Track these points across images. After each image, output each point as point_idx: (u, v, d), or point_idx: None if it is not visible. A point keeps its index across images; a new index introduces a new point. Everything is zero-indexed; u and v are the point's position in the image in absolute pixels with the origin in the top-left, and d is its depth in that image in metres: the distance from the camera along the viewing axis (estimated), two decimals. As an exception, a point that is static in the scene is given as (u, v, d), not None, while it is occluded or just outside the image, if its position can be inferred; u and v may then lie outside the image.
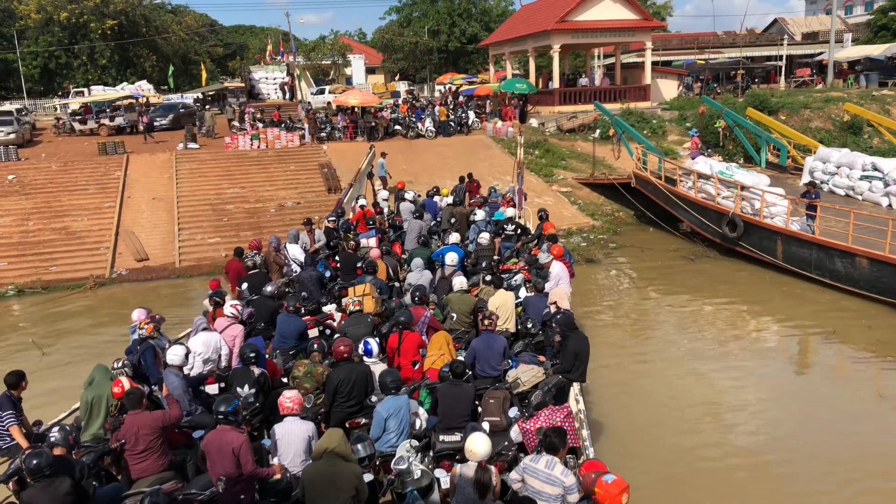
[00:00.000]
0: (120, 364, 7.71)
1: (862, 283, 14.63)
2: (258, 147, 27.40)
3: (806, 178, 21.04)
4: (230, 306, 9.13)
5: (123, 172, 24.62)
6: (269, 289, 10.29)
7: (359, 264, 11.44)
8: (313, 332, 9.31)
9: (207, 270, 18.64)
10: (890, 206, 18.41)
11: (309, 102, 35.98)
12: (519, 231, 14.41)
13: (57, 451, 5.85)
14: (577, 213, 23.46)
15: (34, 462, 5.35)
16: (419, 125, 29.71)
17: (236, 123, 30.95)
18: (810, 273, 15.87)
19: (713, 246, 19.28)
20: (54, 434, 6.15)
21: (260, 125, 29.48)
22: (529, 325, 9.33)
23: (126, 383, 6.75)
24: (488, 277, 10.72)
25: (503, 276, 11.50)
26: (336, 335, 9.09)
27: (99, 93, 42.08)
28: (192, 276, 18.73)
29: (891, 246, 13.94)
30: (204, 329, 8.90)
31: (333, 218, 15.32)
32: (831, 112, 30.09)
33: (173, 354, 7.44)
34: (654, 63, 37.07)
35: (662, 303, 16.25)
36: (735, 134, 26.29)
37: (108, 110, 34.44)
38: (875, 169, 19.13)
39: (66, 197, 22.86)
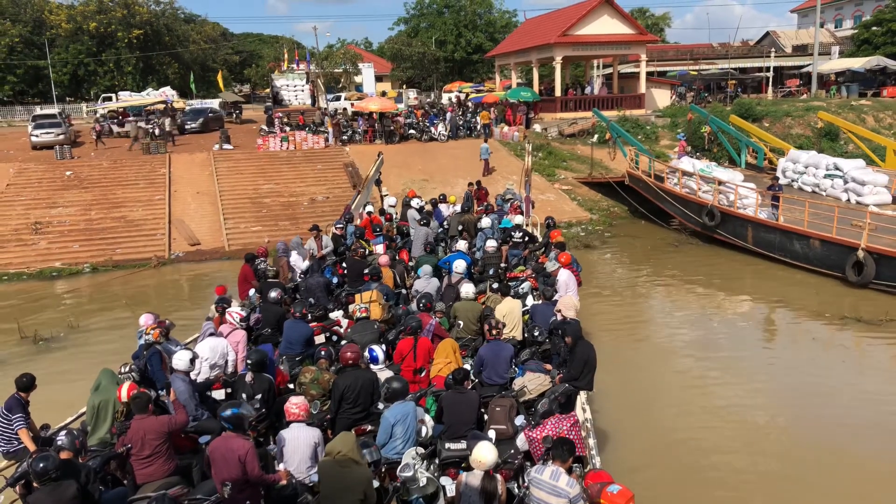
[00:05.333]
0: (126, 369, 7.84)
1: (815, 260, 17.41)
2: (287, 148, 30.15)
3: (780, 177, 23.75)
4: (227, 313, 9.26)
5: (168, 170, 27.32)
6: (272, 295, 10.19)
7: (365, 271, 11.25)
8: (320, 339, 9.29)
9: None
10: (848, 200, 21.12)
11: (325, 108, 38.79)
12: (526, 239, 14.48)
13: (64, 455, 5.84)
14: (576, 208, 26.22)
15: (41, 465, 5.33)
16: (432, 129, 32.43)
17: (264, 127, 33.75)
18: (775, 254, 18.65)
19: (696, 235, 22.04)
20: (61, 438, 6.12)
21: (287, 128, 32.31)
22: (536, 334, 9.25)
23: (127, 388, 6.93)
24: (495, 285, 10.78)
25: (510, 283, 11.49)
26: (343, 341, 9.13)
27: (126, 98, 44.68)
28: (241, 258, 21.38)
29: (837, 229, 16.73)
30: (211, 334, 8.86)
31: (341, 225, 15.53)
32: (811, 120, 32.79)
33: (179, 359, 7.43)
34: (649, 73, 39.97)
35: (652, 284, 18.85)
36: (719, 138, 29.08)
37: (143, 113, 37.18)
38: (837, 168, 21.90)
39: (120, 190, 25.57)
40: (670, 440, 9.73)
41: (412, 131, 32.67)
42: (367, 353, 7.97)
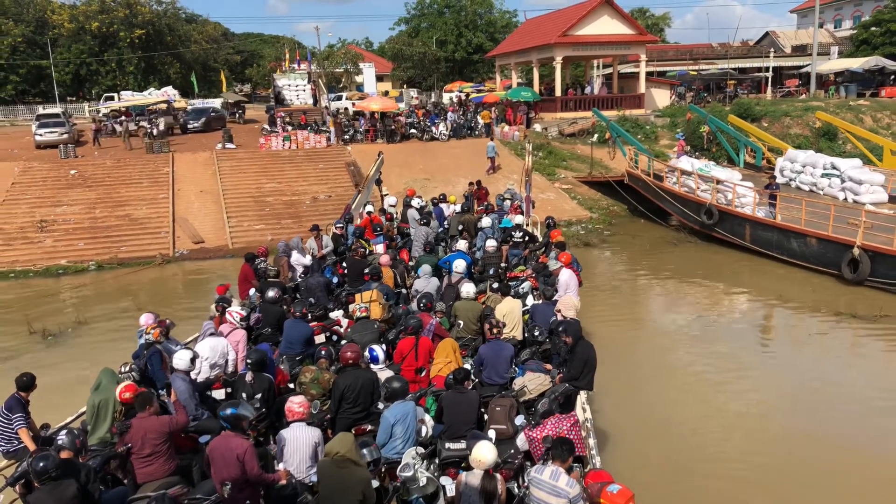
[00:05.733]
0: (127, 368, 7.87)
1: (811, 258, 17.67)
2: (289, 147, 30.37)
3: (778, 176, 24.02)
4: (228, 312, 9.31)
5: (171, 168, 27.53)
6: (270, 294, 10.19)
7: (366, 270, 11.24)
8: (320, 338, 9.29)
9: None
10: (846, 199, 21.36)
11: (327, 107, 39.06)
12: (526, 238, 14.52)
13: (64, 455, 5.84)
14: (576, 206, 26.46)
15: (41, 465, 5.33)
16: (433, 129, 32.66)
17: (266, 127, 34.03)
18: (772, 252, 18.91)
19: (694, 233, 22.30)
20: (62, 437, 6.13)
21: (290, 128, 32.57)
22: (536, 333, 9.24)
23: (123, 388, 6.97)
24: (495, 285, 10.78)
25: (510, 283, 11.46)
26: (343, 341, 9.14)
27: (128, 97, 44.82)
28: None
29: (833, 228, 16.98)
30: (211, 334, 8.87)
31: (341, 224, 15.55)
32: (809, 120, 33.07)
33: (179, 359, 7.43)
34: (649, 73, 40.17)
35: (651, 281, 19.11)
36: (718, 138, 29.34)
37: (146, 113, 37.38)
38: (833, 168, 22.15)
39: (124, 189, 25.80)
40: (670, 439, 9.76)
41: (413, 131, 32.90)
42: (367, 353, 7.99)
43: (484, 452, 5.52)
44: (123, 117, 34.92)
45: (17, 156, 29.43)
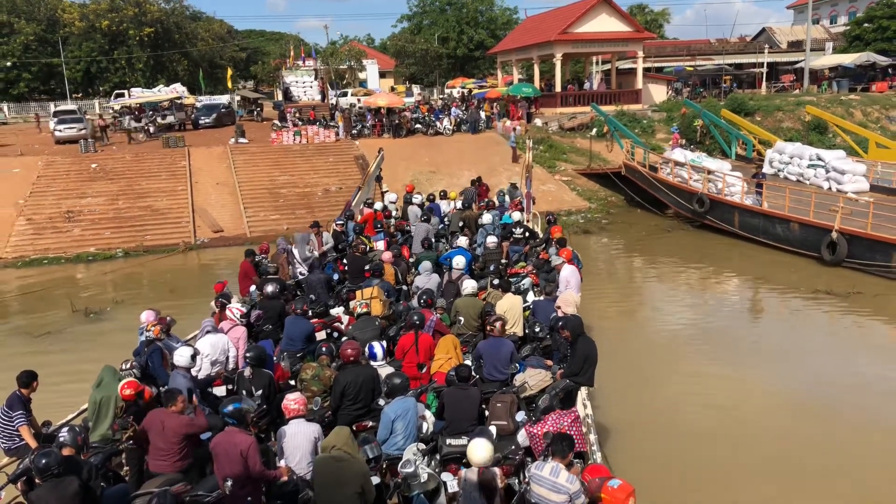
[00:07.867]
0: (128, 365, 7.94)
1: (794, 242, 18.96)
2: (300, 142, 31.62)
3: (767, 167, 25.32)
4: (228, 309, 9.37)
5: (187, 162, 28.76)
6: (268, 289, 10.20)
7: (366, 267, 11.31)
8: (321, 335, 9.29)
9: (273, 238, 22.78)
10: (830, 188, 22.61)
11: (336, 103, 40.27)
12: (527, 234, 14.56)
13: (66, 452, 5.86)
14: (576, 197, 27.72)
15: (43, 461, 5.33)
16: (438, 124, 33.88)
17: (277, 122, 35.27)
18: (759, 237, 20.20)
19: (688, 221, 23.56)
20: (63, 434, 6.14)
21: (300, 123, 33.82)
22: (537, 329, 9.23)
23: (127, 385, 7.01)
24: (496, 281, 10.87)
25: (511, 279, 11.56)
26: (344, 338, 9.13)
27: (139, 94, 45.91)
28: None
29: (814, 213, 18.28)
30: (208, 331, 8.88)
31: (342, 221, 15.64)
32: (801, 114, 34.28)
33: (180, 356, 7.46)
34: (646, 69, 41.32)
35: (646, 266, 20.37)
36: (711, 132, 30.58)
37: (159, 108, 38.61)
38: (819, 159, 23.41)
39: (144, 182, 27.02)
40: (671, 433, 9.76)
41: (418, 126, 34.08)
42: (365, 350, 8.02)
43: (476, 451, 5.57)
44: (90, 115, 36.26)
45: (38, 150, 30.61)
